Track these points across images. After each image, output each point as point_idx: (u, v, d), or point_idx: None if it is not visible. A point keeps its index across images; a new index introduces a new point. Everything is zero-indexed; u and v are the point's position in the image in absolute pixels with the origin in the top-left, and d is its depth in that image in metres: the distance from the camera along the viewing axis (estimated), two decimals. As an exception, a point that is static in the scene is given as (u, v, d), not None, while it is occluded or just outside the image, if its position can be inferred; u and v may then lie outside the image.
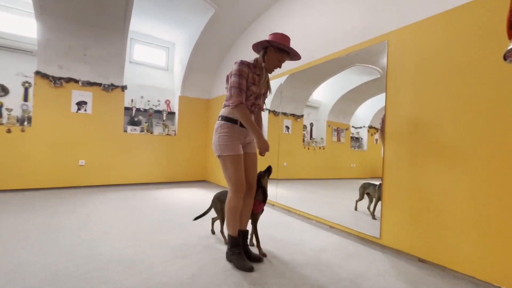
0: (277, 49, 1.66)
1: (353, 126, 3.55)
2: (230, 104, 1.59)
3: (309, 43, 2.96)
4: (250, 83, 1.64)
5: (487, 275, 1.51)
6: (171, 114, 4.93)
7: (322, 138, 4.05)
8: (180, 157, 4.84)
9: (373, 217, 2.36)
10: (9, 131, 3.44)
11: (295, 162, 3.68)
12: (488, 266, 1.50)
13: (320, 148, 4.03)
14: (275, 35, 1.65)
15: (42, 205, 2.87)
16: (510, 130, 1.46)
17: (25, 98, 3.82)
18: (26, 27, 3.92)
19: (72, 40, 3.67)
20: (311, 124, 4.18)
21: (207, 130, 5.19)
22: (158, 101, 4.87)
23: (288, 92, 3.50)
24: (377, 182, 2.28)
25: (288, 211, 3.05)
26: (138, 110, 4.57)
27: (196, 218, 2.24)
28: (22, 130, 3.51)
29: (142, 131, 4.51)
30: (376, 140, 3.40)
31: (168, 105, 4.97)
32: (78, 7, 3.36)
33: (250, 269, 1.60)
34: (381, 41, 2.15)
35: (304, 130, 4.17)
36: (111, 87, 4.12)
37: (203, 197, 3.79)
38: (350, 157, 3.61)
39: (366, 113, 3.49)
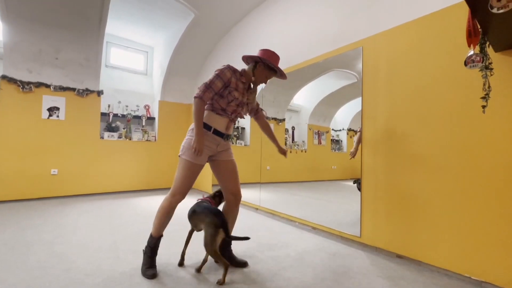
0: (266, 66, 1.68)
1: (333, 129, 3.65)
2: (195, 95, 1.56)
3: (288, 49, 3.03)
4: (232, 88, 1.62)
5: (458, 267, 1.61)
6: (150, 119, 4.81)
7: (303, 141, 4.13)
8: (161, 163, 4.72)
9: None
10: (-29, 139, 3.18)
11: (278, 165, 3.72)
12: (459, 259, 1.60)
13: (302, 151, 4.10)
14: (266, 52, 1.66)
15: (10, 219, 2.67)
16: (475, 132, 1.58)
17: None
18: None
19: (43, 43, 3.49)
20: (293, 128, 4.25)
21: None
22: (137, 106, 4.73)
23: (270, 97, 3.55)
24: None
25: (272, 214, 3.07)
26: (115, 115, 4.41)
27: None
28: None
29: (120, 137, 4.35)
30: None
31: (147, 110, 4.85)
32: (49, 9, 3.21)
33: (152, 276, 1.54)
34: (356, 47, 2.26)
35: (286, 134, 4.24)
36: (86, 92, 3.94)
37: (186, 204, 3.71)
38: (331, 159, 3.70)
39: (345, 116, 3.59)
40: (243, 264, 1.74)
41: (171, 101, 4.87)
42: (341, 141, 3.64)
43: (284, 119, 4.11)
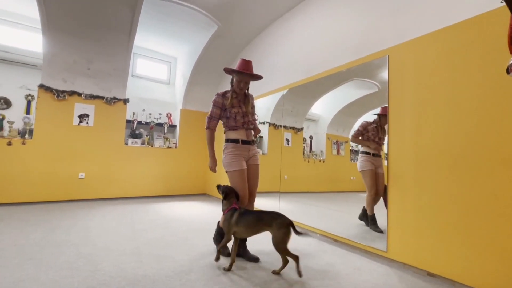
0: (237, 73, 1.97)
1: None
2: (205, 127, 2.07)
3: (309, 59, 3.05)
4: (229, 107, 1.99)
5: (498, 289, 1.48)
6: (172, 127, 4.96)
7: (321, 151, 4.07)
8: (181, 170, 4.81)
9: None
10: (9, 143, 3.42)
11: (295, 175, 3.68)
12: (498, 281, 1.48)
13: (320, 161, 4.04)
14: (238, 62, 1.99)
15: (41, 219, 2.81)
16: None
17: (27, 111, 3.83)
18: (31, 41, 4.00)
19: (77, 55, 3.74)
20: (311, 137, 4.21)
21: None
22: (160, 114, 4.90)
23: (288, 106, 3.55)
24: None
25: (291, 224, 3.00)
26: (139, 123, 4.59)
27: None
28: (23, 143, 3.50)
29: (143, 143, 4.51)
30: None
31: (169, 118, 5.00)
32: (84, 23, 3.45)
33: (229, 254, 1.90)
34: (381, 56, 2.22)
35: (304, 143, 4.21)
36: (114, 100, 4.15)
37: (203, 210, 3.74)
38: (350, 170, 3.61)
39: None
40: (255, 259, 1.94)
41: (192, 110, 5.00)
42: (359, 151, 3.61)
43: (302, 128, 4.09)
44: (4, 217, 2.82)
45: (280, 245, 1.65)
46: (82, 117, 3.93)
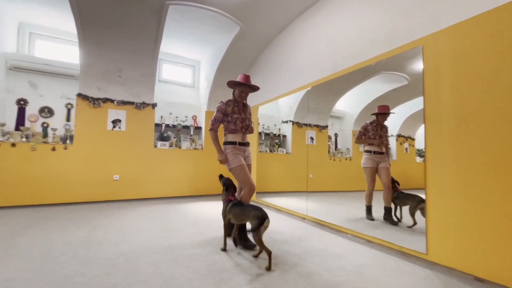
0: (239, 85, 2.35)
1: None
2: (209, 128, 2.38)
3: (334, 54, 2.96)
4: (231, 113, 2.34)
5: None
6: (197, 128, 5.09)
7: (348, 149, 3.95)
8: (207, 170, 4.92)
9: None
10: (54, 149, 3.72)
11: (321, 173, 3.61)
12: None
13: (346, 159, 3.93)
14: (239, 76, 2.37)
15: (83, 219, 3.02)
16: None
17: (68, 118, 4.14)
18: (69, 54, 4.33)
19: (109, 64, 3.97)
20: (336, 135, 4.12)
21: (232, 143, 5.27)
22: (186, 116, 5.05)
23: (311, 104, 3.49)
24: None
25: (320, 224, 2.95)
26: (167, 126, 4.77)
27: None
28: (65, 148, 3.79)
29: (171, 146, 4.68)
30: (407, 149, 3.29)
31: (195, 120, 5.14)
32: (114, 34, 3.66)
33: (253, 246, 2.17)
34: (415, 46, 2.10)
35: (329, 141, 4.12)
36: (143, 105, 4.35)
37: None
38: None
39: (393, 121, 3.38)
40: (252, 247, 2.17)
41: (216, 111, 5.09)
42: (390, 148, 3.45)
43: (326, 126, 4.00)
44: (51, 217, 3.08)
45: (255, 235, 1.84)
46: (115, 122, 4.17)
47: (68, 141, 3.90)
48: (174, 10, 3.50)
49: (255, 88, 2.42)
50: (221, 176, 2.39)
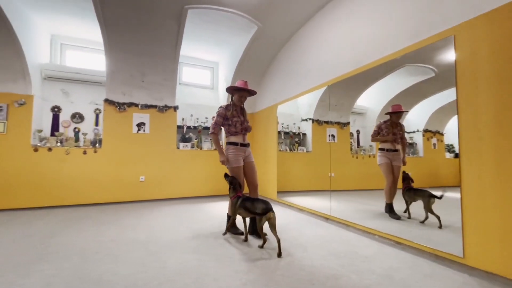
0: (235, 91, 2.54)
1: (405, 131, 3.26)
2: (209, 132, 2.60)
3: (356, 49, 2.86)
4: (231, 116, 2.52)
5: None
6: (217, 129, 5.15)
7: (371, 146, 3.82)
8: (228, 170, 4.97)
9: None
10: (85, 152, 3.94)
11: (343, 172, 3.52)
12: None
13: (369, 156, 3.80)
14: (237, 82, 2.54)
15: (112, 219, 3.17)
16: None
17: (96, 123, 4.37)
18: (96, 62, 4.56)
19: (133, 70, 4.13)
20: (358, 132, 4.00)
21: (252, 142, 5.28)
22: (206, 118, 5.13)
23: (332, 100, 3.40)
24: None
25: (345, 225, 2.87)
26: (188, 127, 4.88)
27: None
28: (95, 151, 4.00)
29: (192, 147, 4.78)
30: (435, 144, 3.13)
31: (214, 121, 5.20)
32: (137, 40, 3.79)
33: (241, 233, 2.49)
34: (445, 36, 1.97)
35: (350, 138, 4.01)
36: (165, 108, 4.49)
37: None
38: (406, 165, 3.35)
39: (419, 116, 3.22)
40: (240, 233, 2.48)
41: (235, 112, 5.13)
42: (416, 144, 3.27)
43: (348, 123, 3.90)
44: (84, 217, 3.26)
45: (258, 223, 2.12)
46: (140, 125, 4.33)
47: (97, 144, 4.12)
48: (192, 13, 3.56)
49: (252, 93, 2.63)
50: (226, 175, 2.55)
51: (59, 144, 3.88)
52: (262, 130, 4.88)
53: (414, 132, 3.25)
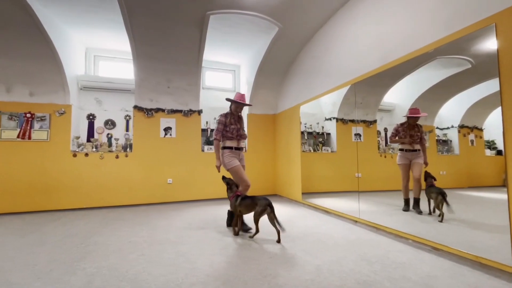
0: (233, 102, 2.90)
1: (437, 128, 3.12)
2: (212, 138, 2.94)
3: (382, 45, 2.74)
4: (229, 124, 2.84)
5: None
6: (240, 131, 5.20)
7: (400, 144, 3.64)
8: (252, 172, 5.00)
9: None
10: (117, 157, 4.18)
11: (371, 172, 3.38)
12: None
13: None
14: (235, 95, 2.92)
15: (144, 220, 3.33)
16: None
17: (127, 129, 4.62)
18: (126, 71, 4.81)
19: (159, 77, 4.31)
20: (385, 130, 3.83)
21: (274, 144, 5.26)
22: (229, 120, 5.20)
23: (357, 98, 3.29)
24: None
25: (375, 228, 2.75)
26: (212, 130, 4.98)
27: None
28: (126, 156, 4.23)
29: (216, 149, 4.87)
30: (472, 141, 2.95)
31: (237, 123, 5.26)
32: (162, 48, 3.94)
33: (250, 229, 2.74)
34: (485, 25, 1.82)
35: (378, 137, 3.85)
36: (190, 112, 4.62)
37: (277, 211, 3.78)
38: (438, 164, 3.13)
39: (454, 111, 3.03)
40: (248, 229, 2.73)
41: (258, 113, 5.16)
42: (450, 141, 3.09)
43: (375, 121, 3.75)
44: (118, 218, 3.45)
45: (256, 216, 2.45)
46: (167, 130, 4.50)
47: (128, 149, 4.35)
48: (214, 19, 3.63)
49: (247, 105, 3.06)
50: (224, 177, 2.84)
51: (94, 149, 4.16)
52: (285, 131, 4.85)
53: (448, 128, 3.08)
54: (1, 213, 3.66)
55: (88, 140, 4.36)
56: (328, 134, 4.52)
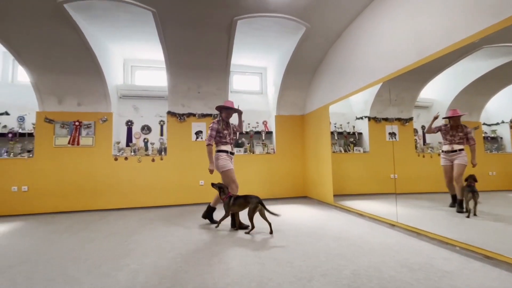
0: (225, 109, 3.13)
1: (484, 124, 2.94)
2: (206, 144, 3.06)
3: (419, 38, 2.58)
4: (221, 130, 3.06)
5: None
6: (269, 133, 5.22)
7: (440, 143, 3.38)
8: (280, 173, 4.99)
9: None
10: (153, 160, 4.44)
11: (408, 173, 3.19)
12: None
13: (439, 154, 3.36)
14: (224, 102, 3.19)
15: (178, 220, 3.48)
16: None
17: (161, 133, 4.88)
18: (160, 79, 5.10)
19: (190, 83, 4.50)
20: (423, 127, 3.60)
21: (303, 145, 5.19)
22: (257, 123, 5.26)
23: (391, 95, 3.13)
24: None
25: (416, 233, 2.58)
26: (240, 133, 5.06)
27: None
28: (161, 159, 4.47)
29: (245, 151, 4.94)
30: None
31: (265, 125, 5.30)
32: (192, 55, 4.11)
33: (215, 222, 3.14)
34: (543, 9, 1.63)
35: (415, 135, 3.63)
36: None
37: (307, 213, 3.73)
38: (486, 163, 2.90)
39: (504, 105, 2.80)
40: (245, 227, 2.92)
41: (286, 114, 5.14)
42: (501, 138, 2.89)
43: (411, 119, 3.55)
44: (155, 218, 3.65)
45: (250, 214, 2.73)
46: (198, 133, 4.68)
47: (162, 152, 4.59)
48: (241, 23, 3.70)
49: (236, 110, 3.20)
50: (213, 184, 3.05)
51: (132, 153, 4.45)
52: (314, 131, 4.76)
53: (497, 124, 2.88)
54: (55, 212, 4.07)
55: (127, 145, 4.68)
56: (360, 133, 4.36)
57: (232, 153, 3.12)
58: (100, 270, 1.93)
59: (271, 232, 2.72)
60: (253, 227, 2.78)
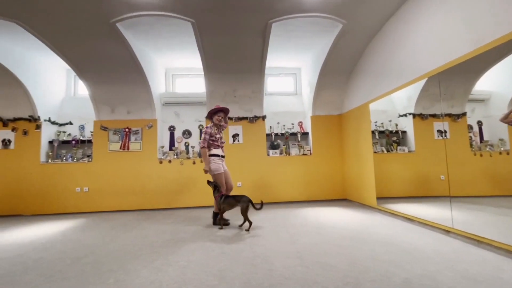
0: (216, 112, 3.39)
1: None
2: (201, 145, 3.35)
3: (472, 26, 2.34)
4: (214, 134, 3.30)
5: None
6: (304, 134, 5.16)
7: (502, 140, 3.00)
8: (318, 175, 4.88)
9: None
10: (194, 163, 4.67)
11: (462, 174, 2.88)
12: None
13: (500, 153, 2.99)
14: (214, 107, 3.43)
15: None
16: None
17: (200, 137, 5.11)
18: (198, 85, 5.36)
19: (226, 87, 4.65)
20: (479, 123, 3.24)
21: (341, 145, 5.01)
22: (292, 124, 5.23)
23: (437, 89, 2.87)
24: None
25: (476, 241, 2.33)
26: (276, 135, 5.08)
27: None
28: (201, 161, 4.68)
29: (281, 153, 4.94)
30: None
31: (301, 126, 5.24)
32: (228, 60, 4.25)
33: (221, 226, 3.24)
34: None
35: (470, 132, 3.28)
36: (255, 118, 4.83)
37: (348, 217, 3.59)
38: None
39: None
40: (227, 224, 3.31)
41: (322, 115, 5.02)
42: None
43: (464, 114, 3.21)
44: (198, 217, 3.84)
45: (243, 212, 3.02)
46: (234, 136, 4.81)
47: (202, 155, 4.80)
48: (275, 26, 3.73)
49: (226, 111, 3.43)
50: (208, 182, 3.33)
51: (175, 156, 4.74)
52: (353, 131, 4.58)
53: None
54: (111, 211, 4.51)
55: (170, 149, 4.99)
56: (404, 132, 4.08)
57: (223, 156, 3.40)
58: (153, 265, 2.09)
59: (248, 230, 3.00)
60: (250, 223, 3.05)
